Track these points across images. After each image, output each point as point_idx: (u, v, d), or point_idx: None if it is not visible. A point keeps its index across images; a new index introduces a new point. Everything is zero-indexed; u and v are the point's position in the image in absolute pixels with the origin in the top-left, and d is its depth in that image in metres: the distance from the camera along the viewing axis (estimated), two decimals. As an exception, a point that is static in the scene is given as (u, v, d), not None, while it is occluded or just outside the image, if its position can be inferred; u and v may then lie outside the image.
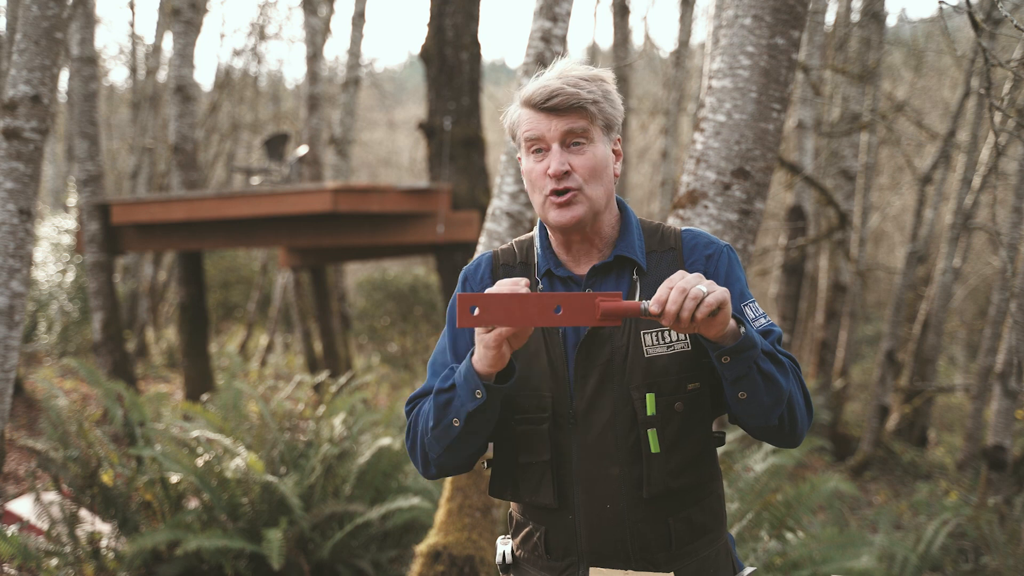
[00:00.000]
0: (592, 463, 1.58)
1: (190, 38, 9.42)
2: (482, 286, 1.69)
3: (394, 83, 31.58)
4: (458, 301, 1.34)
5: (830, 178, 10.32)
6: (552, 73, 1.59)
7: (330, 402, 5.24)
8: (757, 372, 1.45)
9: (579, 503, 1.59)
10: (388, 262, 19.30)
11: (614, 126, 1.61)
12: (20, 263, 3.69)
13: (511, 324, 1.36)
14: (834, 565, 3.74)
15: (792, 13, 2.86)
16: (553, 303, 1.36)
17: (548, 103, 1.54)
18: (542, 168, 1.57)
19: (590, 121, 1.56)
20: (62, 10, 3.70)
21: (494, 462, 1.70)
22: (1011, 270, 6.05)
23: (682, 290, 1.34)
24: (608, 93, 1.59)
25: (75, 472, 4.29)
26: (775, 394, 1.48)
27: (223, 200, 8.50)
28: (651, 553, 1.59)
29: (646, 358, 1.56)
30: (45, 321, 12.05)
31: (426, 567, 3.46)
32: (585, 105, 1.54)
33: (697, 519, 1.62)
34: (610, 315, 1.37)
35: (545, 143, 1.57)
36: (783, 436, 1.55)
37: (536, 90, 1.56)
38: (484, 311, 1.34)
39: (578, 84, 1.55)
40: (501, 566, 1.74)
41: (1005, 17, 2.90)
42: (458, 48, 8.35)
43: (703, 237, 1.66)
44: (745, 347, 1.42)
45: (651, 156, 18.28)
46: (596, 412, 1.57)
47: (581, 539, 1.60)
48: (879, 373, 9.60)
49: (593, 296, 1.37)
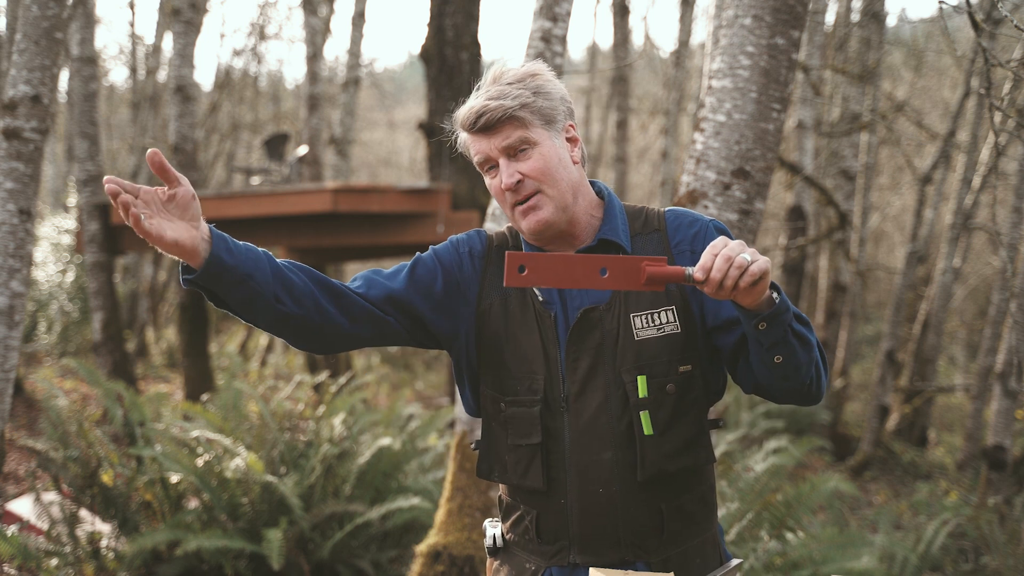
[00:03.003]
0: (584, 447, 1.58)
1: (190, 38, 9.42)
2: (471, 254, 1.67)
3: (394, 83, 31.58)
4: (507, 259, 1.34)
5: (830, 178, 10.32)
6: (483, 87, 1.59)
7: (330, 402, 5.24)
8: (792, 335, 1.44)
9: (571, 487, 1.59)
10: (388, 262, 19.30)
11: (555, 118, 1.60)
12: (20, 263, 3.69)
13: (558, 284, 1.37)
14: (834, 565, 3.74)
15: (792, 13, 2.86)
16: (599, 264, 1.36)
17: (477, 124, 1.55)
18: (498, 184, 1.58)
19: (525, 126, 1.55)
20: (62, 10, 3.70)
21: (482, 443, 1.70)
22: (1011, 270, 6.05)
23: (727, 258, 1.33)
24: (539, 88, 1.58)
25: (75, 472, 4.29)
26: (809, 352, 1.48)
27: (223, 200, 8.50)
28: (642, 538, 1.59)
29: (636, 341, 1.57)
30: (45, 321, 12.05)
31: (426, 567, 3.47)
32: (513, 114, 1.54)
33: (688, 507, 1.62)
34: (655, 280, 1.37)
35: (492, 160, 1.58)
36: (810, 394, 1.54)
37: (465, 115, 1.57)
38: (532, 271, 1.35)
39: (503, 94, 1.55)
40: (490, 549, 1.73)
41: (1005, 17, 2.90)
42: (458, 48, 8.35)
43: (686, 216, 1.66)
44: (781, 311, 1.41)
45: (651, 156, 18.28)
46: (588, 395, 1.58)
47: (572, 523, 1.60)
48: (879, 373, 9.59)
49: (640, 260, 1.37)
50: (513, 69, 1.60)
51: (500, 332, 1.63)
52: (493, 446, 1.67)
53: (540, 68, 1.61)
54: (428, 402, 10.58)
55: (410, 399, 10.50)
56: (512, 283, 1.35)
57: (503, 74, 1.59)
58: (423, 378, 13.07)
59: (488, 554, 1.75)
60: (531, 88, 1.57)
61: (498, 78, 1.59)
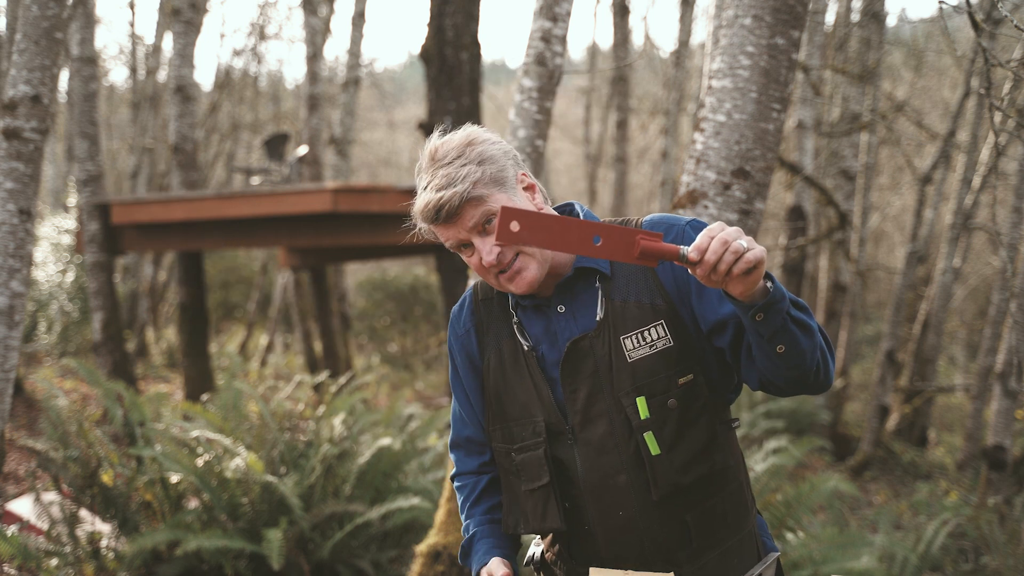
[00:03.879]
0: (598, 474, 1.58)
1: (190, 38, 9.42)
2: (465, 330, 1.74)
3: (394, 83, 31.57)
4: (500, 214, 1.31)
5: (830, 178, 10.32)
6: (425, 175, 1.58)
7: (330, 402, 5.25)
8: (792, 322, 1.42)
9: (592, 514, 1.59)
10: (388, 262, 19.29)
11: (505, 178, 1.58)
12: (20, 263, 3.69)
13: (551, 246, 1.34)
14: (834, 565, 3.74)
15: (792, 13, 2.86)
16: (594, 232, 1.34)
17: (439, 218, 1.54)
18: (477, 261, 1.58)
19: (484, 201, 1.54)
20: (62, 10, 3.70)
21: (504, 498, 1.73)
22: (1011, 270, 6.05)
23: (724, 241, 1.31)
24: (482, 155, 1.56)
25: (75, 472, 4.29)
26: (811, 339, 1.46)
27: (223, 200, 8.49)
28: (671, 553, 1.58)
29: (630, 362, 1.56)
30: (45, 321, 12.05)
31: (426, 567, 3.46)
32: (469, 196, 1.53)
33: (719, 509, 1.61)
34: (648, 254, 1.34)
35: (466, 241, 1.57)
36: (817, 382, 1.52)
37: (423, 210, 1.56)
38: (525, 228, 1.32)
39: (451, 180, 1.53)
40: (533, 564, 1.77)
41: (1005, 17, 2.90)
42: (458, 48, 8.35)
43: (662, 223, 1.64)
44: (776, 300, 1.39)
45: (651, 156, 18.27)
46: (592, 424, 1.58)
47: (600, 547, 1.61)
48: (879, 373, 9.59)
49: (635, 232, 1.34)
50: (446, 141, 1.58)
51: (500, 385, 1.67)
52: (514, 499, 1.69)
53: (475, 133, 1.59)
54: (428, 402, 10.58)
55: (410, 399, 10.50)
56: (503, 239, 1.32)
57: (439, 151, 1.57)
58: (423, 378, 13.08)
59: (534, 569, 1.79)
60: (474, 160, 1.55)
61: (436, 158, 1.57)
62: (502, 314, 1.69)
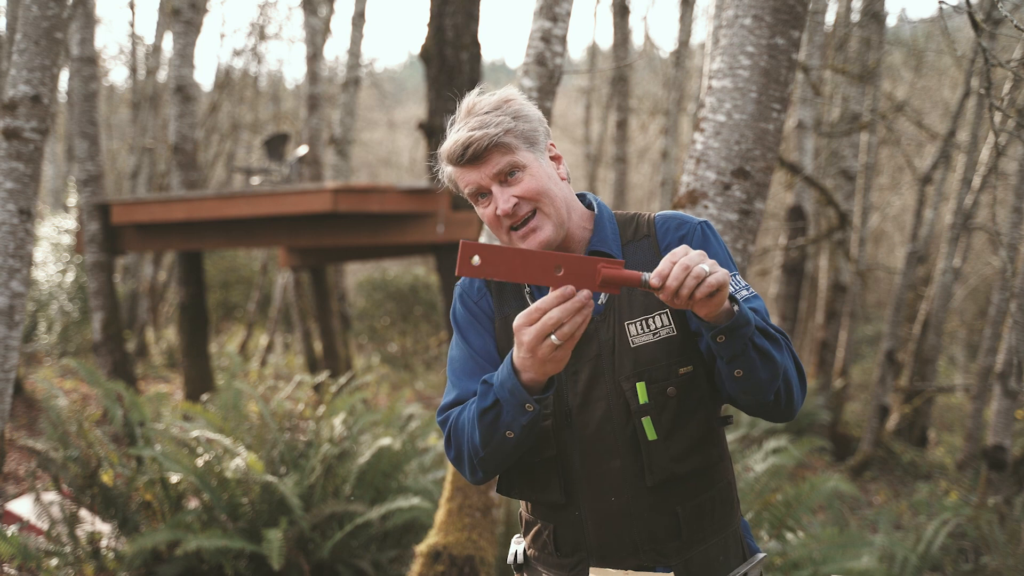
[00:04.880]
0: (593, 458, 1.58)
1: (190, 38, 9.42)
2: (480, 295, 1.70)
3: (394, 83, 31.59)
4: (461, 248, 1.32)
5: (830, 178, 10.32)
6: (459, 119, 1.60)
7: (330, 402, 5.24)
8: (753, 349, 1.44)
9: (584, 498, 1.59)
10: (388, 262, 19.30)
11: (537, 138, 1.61)
12: (20, 263, 3.69)
13: (511, 278, 1.35)
14: (834, 565, 3.74)
15: (792, 13, 2.86)
16: (555, 262, 1.35)
17: (466, 156, 1.55)
18: (492, 211, 1.58)
19: (512, 151, 1.56)
20: (62, 10, 3.70)
21: None
22: (1011, 270, 6.05)
23: (685, 267, 1.33)
24: (518, 112, 1.59)
25: (75, 472, 4.29)
26: (771, 369, 1.47)
27: (223, 200, 8.50)
28: (660, 543, 1.58)
29: (632, 348, 1.57)
30: (45, 321, 12.05)
31: (426, 567, 3.47)
32: (499, 140, 1.55)
33: (707, 506, 1.61)
34: (610, 282, 1.36)
35: (485, 189, 1.58)
36: (779, 411, 1.54)
37: (451, 148, 1.57)
38: (486, 262, 1.33)
39: (484, 123, 1.55)
40: (514, 565, 1.75)
41: (1005, 17, 2.90)
42: (458, 48, 8.35)
43: (675, 219, 1.65)
44: (739, 325, 1.41)
45: (651, 156, 18.29)
46: (591, 407, 1.58)
47: (588, 534, 1.60)
48: (879, 373, 9.59)
49: (596, 261, 1.36)
50: (486, 98, 1.60)
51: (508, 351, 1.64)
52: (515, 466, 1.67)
53: (513, 93, 1.62)
54: (428, 402, 10.58)
55: (410, 399, 10.50)
56: (464, 273, 1.33)
57: (477, 105, 1.59)
58: (423, 378, 13.07)
59: (514, 570, 1.77)
60: (510, 114, 1.57)
61: (473, 109, 1.59)
62: (514, 285, 1.67)
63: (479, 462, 1.56)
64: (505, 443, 1.51)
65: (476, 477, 1.61)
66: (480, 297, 1.70)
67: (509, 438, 1.49)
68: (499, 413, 1.48)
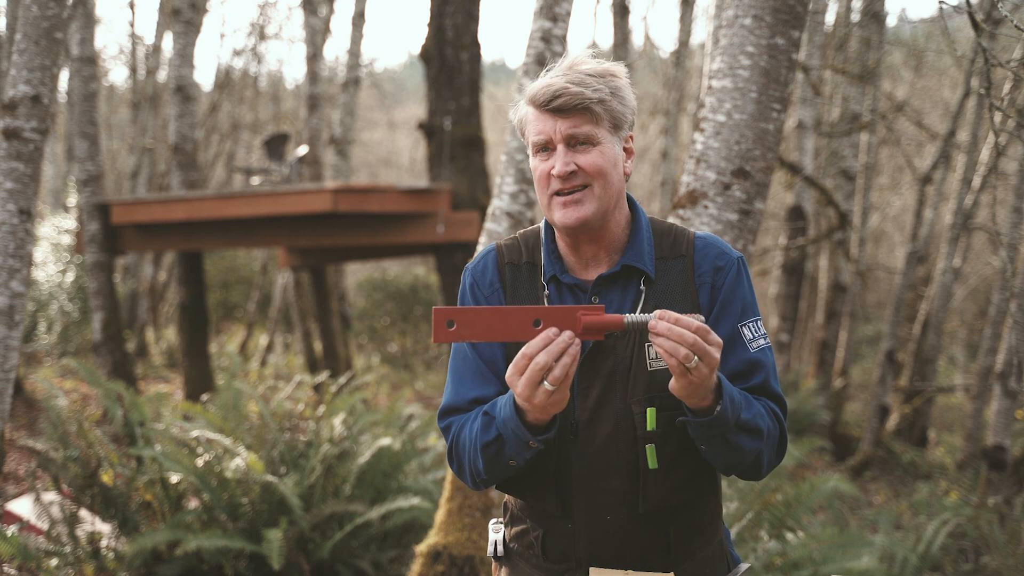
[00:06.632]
0: (593, 475, 1.56)
1: (190, 38, 9.42)
2: (492, 290, 1.64)
3: (394, 83, 31.57)
4: (434, 315, 1.30)
5: (830, 178, 10.32)
6: (559, 68, 1.54)
7: (330, 402, 5.24)
8: (722, 443, 1.45)
9: (578, 513, 1.58)
10: (388, 262, 19.29)
11: (623, 124, 1.56)
12: (20, 263, 3.69)
13: (491, 338, 1.34)
14: (834, 565, 3.74)
15: (792, 13, 2.86)
16: (533, 316, 1.34)
17: (552, 104, 1.50)
18: (547, 168, 1.53)
19: (596, 122, 1.51)
20: (62, 10, 3.70)
21: None
22: (1011, 270, 6.05)
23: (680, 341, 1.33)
24: (618, 90, 1.53)
25: (75, 472, 4.29)
26: (736, 459, 1.49)
27: (223, 200, 8.50)
28: (649, 561, 1.58)
29: (649, 371, 1.53)
30: (45, 321, 12.05)
31: (426, 567, 3.47)
32: (590, 105, 1.49)
33: (696, 523, 1.61)
34: (592, 329, 1.35)
35: (551, 144, 1.53)
36: (744, 475, 1.56)
37: (540, 89, 1.51)
38: (462, 325, 1.32)
39: (583, 82, 1.49)
40: (494, 555, 1.72)
41: (1005, 17, 2.90)
42: (458, 48, 8.35)
43: (715, 247, 1.60)
44: (716, 424, 1.42)
45: (651, 156, 18.27)
46: (598, 424, 1.55)
47: (579, 546, 1.59)
48: (879, 373, 9.59)
49: (575, 310, 1.35)
50: (593, 63, 1.54)
51: None
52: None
53: (621, 71, 1.56)
54: (428, 402, 10.58)
55: (410, 399, 10.50)
56: (440, 339, 1.31)
57: (584, 65, 1.53)
58: (423, 378, 13.07)
59: (494, 560, 1.74)
60: (610, 87, 1.52)
61: (576, 65, 1.53)
62: (530, 283, 1.62)
63: (481, 481, 1.57)
64: (509, 469, 1.51)
65: (478, 488, 1.61)
66: (492, 292, 1.64)
67: (512, 465, 1.50)
68: (502, 447, 1.48)
